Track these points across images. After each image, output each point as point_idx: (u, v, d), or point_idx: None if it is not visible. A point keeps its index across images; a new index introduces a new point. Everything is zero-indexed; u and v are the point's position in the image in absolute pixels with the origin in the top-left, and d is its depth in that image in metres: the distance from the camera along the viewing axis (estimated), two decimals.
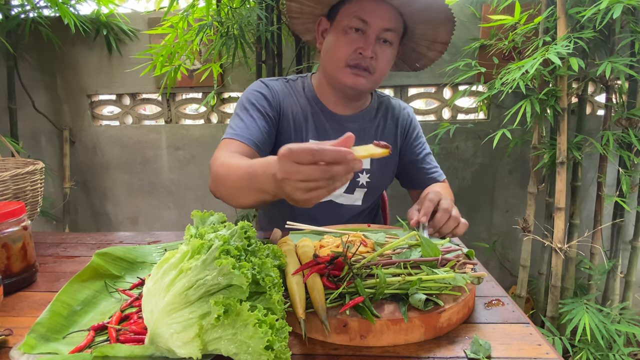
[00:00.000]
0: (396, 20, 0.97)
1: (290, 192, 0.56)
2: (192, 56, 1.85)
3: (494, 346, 0.53)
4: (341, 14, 0.98)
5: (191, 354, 0.44)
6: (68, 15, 1.84)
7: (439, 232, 0.83)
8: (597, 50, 1.68)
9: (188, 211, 2.28)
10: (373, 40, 0.95)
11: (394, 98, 1.20)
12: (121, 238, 1.00)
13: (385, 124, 1.14)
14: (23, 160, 1.12)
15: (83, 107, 2.23)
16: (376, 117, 1.13)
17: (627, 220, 1.76)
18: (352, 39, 0.96)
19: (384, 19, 0.95)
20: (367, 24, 0.94)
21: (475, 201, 2.12)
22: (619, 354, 1.46)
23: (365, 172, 1.11)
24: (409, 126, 1.16)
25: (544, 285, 1.77)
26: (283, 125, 1.05)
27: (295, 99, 1.07)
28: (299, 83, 1.11)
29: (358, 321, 0.53)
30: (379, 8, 0.94)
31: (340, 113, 1.08)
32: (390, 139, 1.13)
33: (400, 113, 1.16)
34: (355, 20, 0.95)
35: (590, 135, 1.64)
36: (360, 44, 0.95)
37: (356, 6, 0.95)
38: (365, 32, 0.95)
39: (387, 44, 0.98)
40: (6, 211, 0.72)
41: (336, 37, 0.98)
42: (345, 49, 0.96)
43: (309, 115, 1.07)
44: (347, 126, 1.08)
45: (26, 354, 0.49)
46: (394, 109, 1.16)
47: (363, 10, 0.94)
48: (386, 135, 1.13)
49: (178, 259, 0.49)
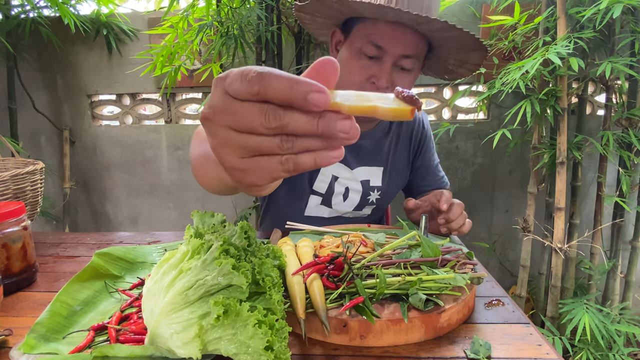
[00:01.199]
0: (417, 46, 0.85)
1: (216, 148, 0.32)
2: (192, 56, 1.85)
3: (494, 346, 0.53)
4: (355, 33, 0.87)
5: (191, 354, 0.44)
6: (68, 15, 1.84)
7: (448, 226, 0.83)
8: (597, 50, 1.67)
9: (188, 211, 2.28)
10: (389, 69, 0.84)
11: None
12: (121, 238, 1.00)
13: (400, 137, 1.08)
14: (23, 160, 1.12)
15: (83, 107, 2.23)
16: (390, 130, 1.07)
17: (627, 220, 1.76)
18: (365, 65, 0.85)
19: (403, 45, 0.83)
20: (382, 50, 0.83)
21: (475, 201, 2.12)
22: (619, 354, 1.46)
23: (377, 190, 1.07)
24: (424, 137, 1.11)
25: (544, 285, 1.77)
26: None
27: None
28: None
29: (358, 321, 0.53)
30: (397, 32, 0.82)
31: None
32: (404, 152, 1.09)
33: (415, 123, 1.10)
34: (369, 46, 0.83)
35: (590, 135, 1.64)
36: (373, 71, 0.85)
37: (371, 28, 0.83)
38: (380, 58, 0.84)
39: (406, 72, 0.87)
40: (6, 211, 0.72)
41: (349, 58, 0.87)
42: (357, 75, 0.86)
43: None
44: (359, 144, 0.99)
45: (26, 354, 0.49)
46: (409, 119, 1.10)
47: (379, 35, 0.82)
48: (400, 149, 1.08)
49: (178, 259, 0.49)
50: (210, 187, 0.60)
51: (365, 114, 0.30)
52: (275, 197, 1.10)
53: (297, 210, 1.06)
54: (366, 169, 1.05)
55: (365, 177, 1.05)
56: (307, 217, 1.06)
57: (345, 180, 1.04)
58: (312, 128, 0.30)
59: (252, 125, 0.30)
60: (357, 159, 1.04)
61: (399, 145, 1.08)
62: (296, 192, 1.04)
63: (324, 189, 1.04)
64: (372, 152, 1.04)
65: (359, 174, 1.04)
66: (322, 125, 0.30)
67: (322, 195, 1.04)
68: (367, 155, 1.04)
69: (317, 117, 0.30)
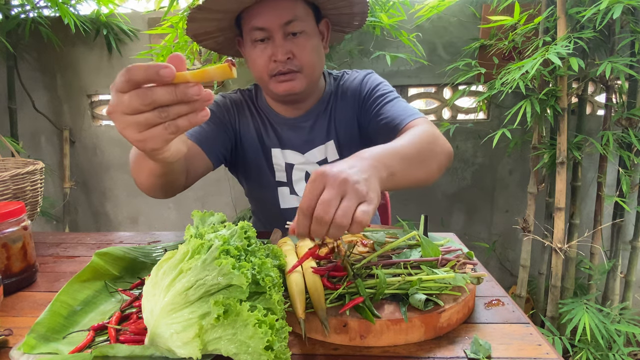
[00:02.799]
0: (294, 8, 0.88)
1: (122, 131, 0.47)
2: (192, 56, 1.85)
3: (494, 346, 0.53)
4: (243, 29, 0.93)
5: (191, 354, 0.44)
6: (68, 15, 1.84)
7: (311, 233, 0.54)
8: (597, 50, 1.68)
9: (188, 211, 2.28)
10: (281, 42, 0.88)
11: (352, 71, 1.07)
12: (121, 238, 1.00)
13: (337, 106, 1.04)
14: (23, 160, 1.12)
15: (83, 107, 2.23)
16: (329, 102, 1.04)
17: (627, 220, 1.76)
18: (261, 50, 0.90)
19: (279, 15, 0.87)
20: (265, 30, 0.88)
21: (475, 201, 2.12)
22: (619, 354, 1.46)
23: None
24: (362, 89, 1.02)
25: (544, 285, 1.77)
26: (243, 138, 1.03)
27: (251, 112, 1.05)
28: (253, 94, 1.07)
29: (358, 321, 0.53)
30: (267, 7, 0.86)
31: (294, 116, 1.03)
32: (347, 120, 1.03)
33: (353, 82, 1.04)
34: (253, 32, 0.88)
35: (590, 135, 1.64)
36: (270, 51, 0.89)
37: (248, 17, 0.89)
38: (270, 37, 0.89)
39: (300, 35, 0.89)
40: (6, 211, 0.72)
41: (249, 51, 0.93)
42: (260, 62, 0.91)
43: (267, 125, 1.04)
44: (301, 126, 1.02)
45: (26, 354, 0.50)
46: (347, 82, 1.05)
47: (255, 18, 0.87)
48: (341, 118, 1.03)
49: (178, 259, 0.49)
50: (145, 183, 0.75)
51: (203, 78, 0.45)
52: (252, 194, 1.15)
53: (274, 204, 1.07)
54: (319, 149, 1.03)
55: (321, 157, 1.04)
56: (286, 210, 1.06)
57: (301, 166, 1.04)
58: (173, 96, 0.45)
59: (135, 107, 0.45)
60: (306, 143, 1.03)
61: (342, 110, 1.03)
62: (264, 185, 1.06)
63: (285, 177, 1.05)
64: (317, 131, 1.03)
65: (312, 157, 1.03)
66: (179, 93, 0.45)
67: (287, 184, 1.05)
68: (313, 136, 1.03)
69: (173, 88, 0.45)
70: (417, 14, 1.80)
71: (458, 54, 1.91)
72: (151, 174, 0.70)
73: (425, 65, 1.92)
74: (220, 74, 0.45)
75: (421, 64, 1.90)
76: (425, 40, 1.90)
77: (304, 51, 0.90)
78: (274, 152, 1.03)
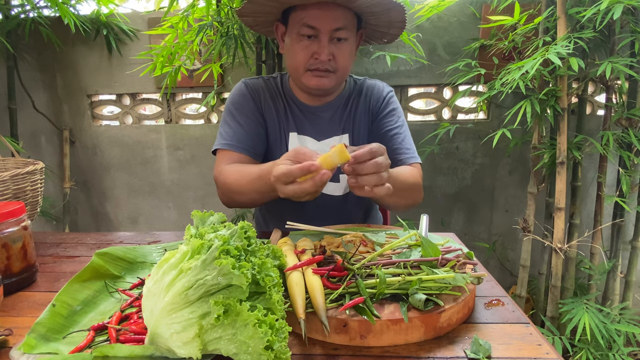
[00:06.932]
0: (345, 17, 0.97)
1: (288, 197, 0.72)
2: (192, 56, 1.85)
3: (494, 346, 0.53)
4: (291, 21, 0.99)
5: (191, 354, 0.44)
6: (68, 15, 1.84)
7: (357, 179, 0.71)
8: (597, 50, 1.67)
9: (188, 211, 2.28)
10: (326, 43, 0.96)
11: (372, 79, 1.19)
12: (121, 238, 1.00)
13: (358, 106, 1.13)
14: (23, 160, 1.12)
15: (83, 107, 2.23)
16: (348, 102, 1.13)
17: (627, 220, 1.76)
18: (305, 45, 0.97)
19: (332, 20, 0.95)
20: (316, 29, 0.95)
21: (475, 201, 2.12)
22: (619, 354, 1.46)
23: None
24: (381, 102, 1.14)
25: (544, 285, 1.77)
26: (267, 122, 1.10)
27: (274, 97, 1.11)
28: (278, 81, 1.14)
29: (358, 321, 0.53)
30: (325, 11, 0.94)
31: (314, 104, 1.11)
32: (361, 119, 1.13)
33: (374, 90, 1.15)
34: (304, 28, 0.96)
35: (590, 135, 1.64)
36: (314, 49, 0.97)
37: (302, 13, 0.96)
38: (317, 36, 0.96)
39: (343, 41, 0.99)
40: (6, 211, 0.72)
41: (291, 43, 1.00)
42: (301, 55, 0.98)
43: (287, 110, 1.11)
44: (320, 115, 1.11)
45: (26, 354, 0.50)
46: (369, 88, 1.15)
47: (309, 17, 0.95)
48: (357, 117, 1.13)
49: (178, 259, 0.49)
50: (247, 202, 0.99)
51: (329, 165, 0.68)
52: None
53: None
54: (333, 139, 1.11)
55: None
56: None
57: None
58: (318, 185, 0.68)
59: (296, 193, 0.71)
60: (323, 132, 1.11)
61: (358, 113, 1.13)
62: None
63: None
64: (335, 122, 1.12)
65: (326, 145, 1.11)
66: (318, 177, 0.68)
67: None
68: (330, 126, 1.12)
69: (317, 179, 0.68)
70: (417, 14, 1.80)
71: (458, 54, 1.91)
72: (264, 199, 0.93)
73: (425, 65, 1.92)
74: (340, 158, 0.67)
75: (421, 64, 1.90)
76: (425, 40, 1.91)
77: (343, 56, 1.00)
78: (291, 135, 1.10)
